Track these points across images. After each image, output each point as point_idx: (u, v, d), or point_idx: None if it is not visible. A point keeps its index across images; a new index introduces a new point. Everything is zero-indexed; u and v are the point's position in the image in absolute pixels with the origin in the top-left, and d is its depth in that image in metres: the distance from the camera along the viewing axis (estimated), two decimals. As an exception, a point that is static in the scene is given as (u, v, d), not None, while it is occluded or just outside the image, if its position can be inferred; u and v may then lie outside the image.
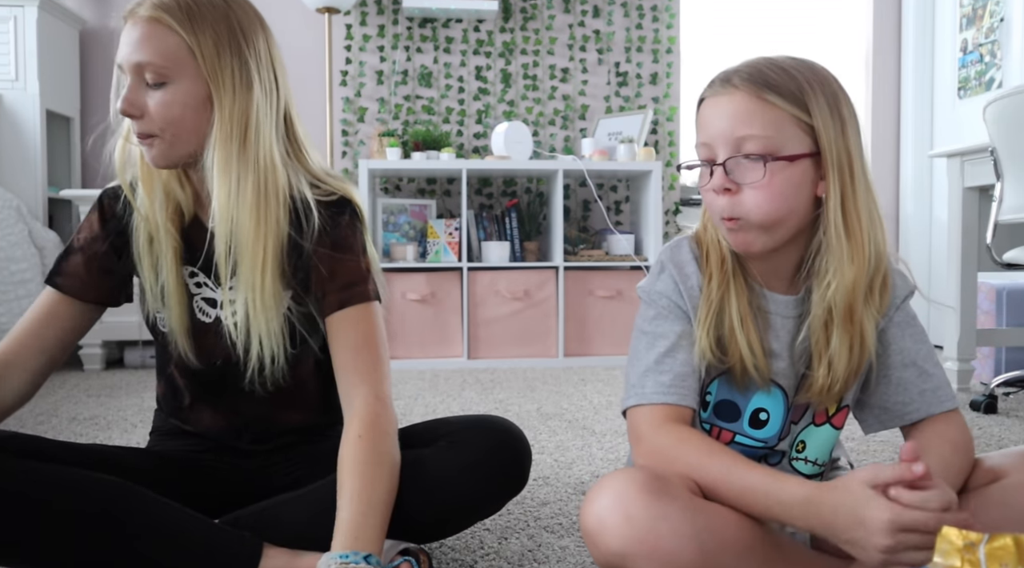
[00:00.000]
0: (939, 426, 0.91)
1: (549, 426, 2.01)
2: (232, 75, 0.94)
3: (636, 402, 0.90)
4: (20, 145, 2.95)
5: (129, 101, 0.91)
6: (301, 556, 0.88)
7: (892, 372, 0.94)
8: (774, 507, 0.78)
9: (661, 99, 3.58)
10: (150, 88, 0.92)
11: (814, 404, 0.95)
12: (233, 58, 0.94)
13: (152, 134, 0.93)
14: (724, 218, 0.87)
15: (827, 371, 0.90)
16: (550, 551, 1.14)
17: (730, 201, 0.86)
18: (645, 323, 0.94)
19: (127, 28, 0.93)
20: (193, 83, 0.93)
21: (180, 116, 0.92)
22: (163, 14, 0.91)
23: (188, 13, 0.92)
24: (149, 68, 0.91)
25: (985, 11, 3.24)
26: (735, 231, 0.87)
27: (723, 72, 0.88)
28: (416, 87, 3.48)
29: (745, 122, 0.84)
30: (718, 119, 0.86)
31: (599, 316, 3.18)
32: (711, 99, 0.88)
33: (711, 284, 0.91)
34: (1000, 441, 1.84)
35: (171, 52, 0.91)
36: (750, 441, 0.94)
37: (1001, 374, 2.45)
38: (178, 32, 0.91)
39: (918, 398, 0.92)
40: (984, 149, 2.22)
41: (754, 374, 0.90)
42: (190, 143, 0.94)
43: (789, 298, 0.93)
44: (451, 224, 3.17)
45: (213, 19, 0.93)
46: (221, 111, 0.93)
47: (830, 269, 0.88)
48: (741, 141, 0.84)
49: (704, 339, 0.90)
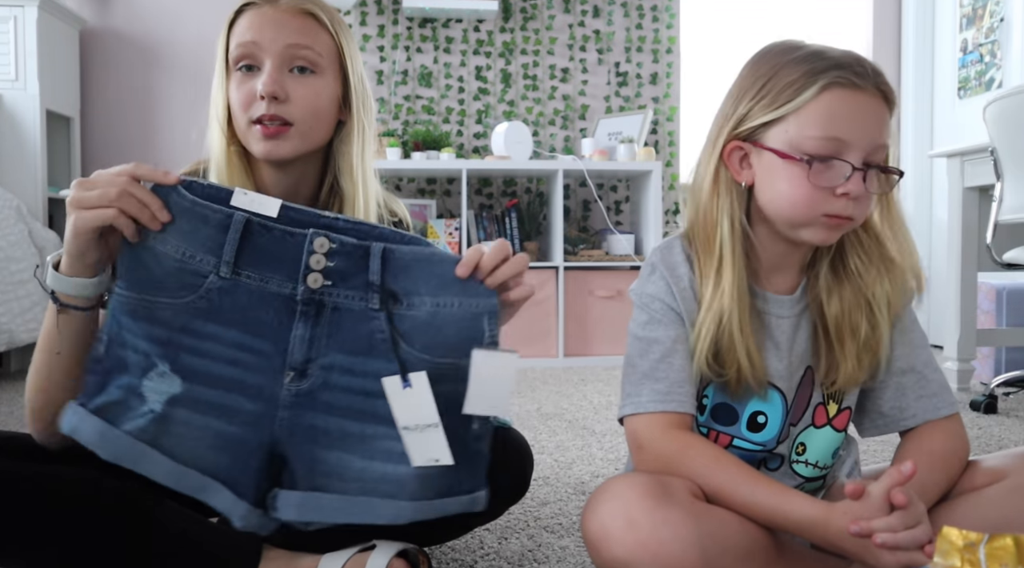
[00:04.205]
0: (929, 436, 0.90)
1: (549, 426, 2.01)
2: (363, 83, 0.98)
3: (633, 411, 0.89)
4: (20, 145, 2.95)
5: (279, 82, 0.90)
6: (301, 556, 0.88)
7: (891, 378, 0.93)
8: (780, 523, 0.79)
9: (661, 99, 3.58)
10: (294, 74, 0.92)
11: (843, 390, 0.94)
12: (361, 68, 0.98)
13: (289, 122, 0.91)
14: (837, 217, 0.83)
15: (856, 349, 0.90)
16: (550, 551, 1.14)
17: (856, 204, 0.83)
18: (638, 328, 0.92)
19: (260, 12, 0.92)
20: (335, 82, 0.95)
21: (322, 109, 0.94)
22: (315, 9, 0.93)
23: (331, 15, 0.95)
24: (304, 52, 0.91)
25: (985, 11, 3.24)
26: (836, 229, 0.85)
27: (861, 64, 0.82)
28: (416, 87, 3.48)
29: (884, 131, 0.83)
30: (863, 121, 0.82)
31: (599, 316, 3.18)
32: (855, 94, 0.81)
33: (712, 290, 0.88)
34: (1000, 441, 1.84)
35: (324, 45, 0.93)
36: (748, 444, 0.93)
37: (1001, 374, 2.45)
38: (329, 31, 0.94)
39: (915, 404, 0.92)
40: (984, 149, 2.22)
41: (752, 384, 0.88)
42: (316, 140, 0.95)
43: (787, 297, 0.92)
44: (451, 224, 3.17)
45: (346, 27, 0.97)
46: (355, 115, 0.97)
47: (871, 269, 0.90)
48: (877, 149, 0.82)
49: (701, 353, 0.87)
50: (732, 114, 0.88)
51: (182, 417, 0.78)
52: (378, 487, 0.80)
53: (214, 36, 0.98)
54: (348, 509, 0.79)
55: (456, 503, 0.81)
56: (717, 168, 0.89)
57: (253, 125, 0.92)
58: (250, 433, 0.79)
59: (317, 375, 0.80)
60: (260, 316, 0.79)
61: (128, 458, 0.76)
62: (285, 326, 0.79)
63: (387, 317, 0.79)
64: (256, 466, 0.80)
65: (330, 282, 0.79)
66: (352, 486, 0.80)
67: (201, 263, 0.78)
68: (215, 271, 0.78)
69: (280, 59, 0.91)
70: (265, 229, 0.79)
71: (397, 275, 0.79)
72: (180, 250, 0.78)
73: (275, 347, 0.79)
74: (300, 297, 0.79)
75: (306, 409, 0.80)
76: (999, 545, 0.66)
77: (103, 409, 0.77)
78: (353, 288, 0.79)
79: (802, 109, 0.82)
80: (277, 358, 0.79)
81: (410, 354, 0.79)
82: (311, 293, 0.79)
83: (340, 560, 0.86)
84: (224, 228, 0.78)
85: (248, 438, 0.79)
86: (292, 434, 0.80)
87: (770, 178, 0.86)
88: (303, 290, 0.79)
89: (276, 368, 0.79)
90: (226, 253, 0.78)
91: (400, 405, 0.77)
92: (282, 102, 0.91)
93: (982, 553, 0.66)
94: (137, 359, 0.78)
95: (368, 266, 0.79)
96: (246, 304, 0.79)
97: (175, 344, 0.78)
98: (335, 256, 0.79)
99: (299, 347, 0.79)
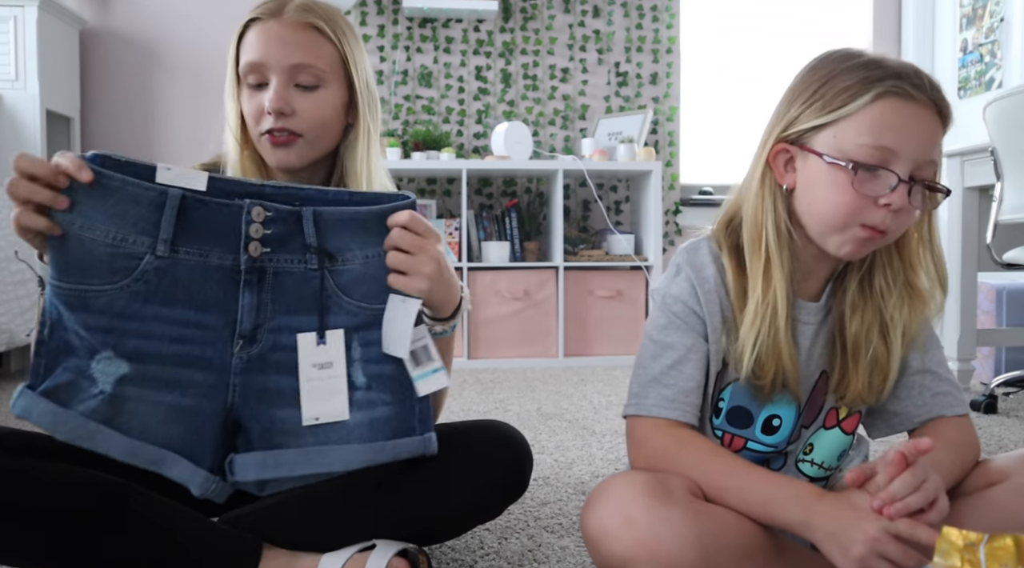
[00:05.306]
0: (941, 428, 0.91)
1: (549, 426, 2.01)
2: (368, 85, 1.02)
3: (636, 412, 0.89)
4: (20, 145, 2.94)
5: (284, 99, 0.95)
6: (301, 556, 0.88)
7: (908, 377, 0.93)
8: (770, 523, 0.80)
9: (661, 99, 3.58)
10: (299, 90, 0.96)
11: (850, 405, 0.94)
12: (366, 69, 1.02)
13: (297, 133, 0.96)
14: (874, 228, 0.82)
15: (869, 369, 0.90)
16: (550, 551, 1.14)
17: (895, 217, 0.82)
18: (655, 331, 0.91)
19: (265, 28, 0.96)
20: (340, 89, 0.99)
21: (327, 119, 0.98)
22: (319, 21, 0.96)
23: (334, 24, 0.98)
24: (308, 71, 0.96)
25: (985, 11, 3.24)
26: (871, 241, 0.84)
27: (918, 75, 0.81)
28: (416, 87, 3.48)
29: (935, 147, 0.82)
30: (915, 133, 0.81)
31: (599, 316, 3.17)
32: (909, 105, 0.80)
33: (762, 293, 0.86)
34: (1000, 441, 1.84)
35: (328, 58, 0.97)
36: (761, 446, 0.94)
37: (1001, 374, 2.45)
38: (332, 40, 0.98)
39: (930, 401, 0.92)
40: (984, 149, 2.22)
41: (791, 386, 0.88)
42: (324, 146, 1.00)
43: (813, 304, 0.92)
44: (451, 224, 3.17)
45: (350, 31, 1.00)
46: (362, 118, 1.01)
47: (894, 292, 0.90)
48: (926, 165, 0.82)
49: (749, 356, 0.86)
50: (783, 116, 0.87)
51: (134, 395, 0.79)
52: (330, 436, 0.84)
53: (214, 36, 1.00)
54: (305, 460, 0.82)
55: (407, 444, 0.84)
56: (764, 170, 0.89)
57: (263, 136, 0.97)
58: (204, 403, 0.81)
59: (266, 339, 0.83)
60: (204, 291, 0.81)
61: (83, 438, 0.78)
62: (231, 297, 0.82)
63: (326, 275, 0.84)
64: (212, 435, 0.82)
65: (269, 249, 0.83)
66: (307, 440, 0.84)
67: (135, 245, 0.79)
68: (150, 251, 0.79)
69: (286, 76, 0.96)
70: (200, 203, 0.81)
71: (328, 235, 0.84)
72: (110, 234, 0.78)
73: (223, 318, 0.82)
74: (244, 266, 0.82)
75: (256, 373, 0.83)
76: (999, 545, 0.66)
77: (53, 391, 0.78)
78: (291, 252, 0.84)
79: (854, 115, 0.81)
80: (225, 329, 0.82)
81: (352, 305, 0.85)
82: (253, 261, 0.82)
83: (340, 560, 0.87)
84: (158, 206, 0.79)
85: (202, 408, 0.81)
86: (246, 399, 0.82)
87: (812, 183, 0.85)
88: (246, 259, 0.82)
89: (225, 339, 0.82)
90: (163, 231, 0.79)
91: (308, 361, 0.83)
92: (288, 116, 0.96)
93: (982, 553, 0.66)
94: (81, 343, 0.79)
95: (303, 230, 0.83)
96: (188, 280, 0.81)
97: (117, 331, 0.79)
98: (271, 224, 0.82)
99: (248, 315, 0.82)
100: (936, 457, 0.82)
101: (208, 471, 0.83)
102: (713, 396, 0.92)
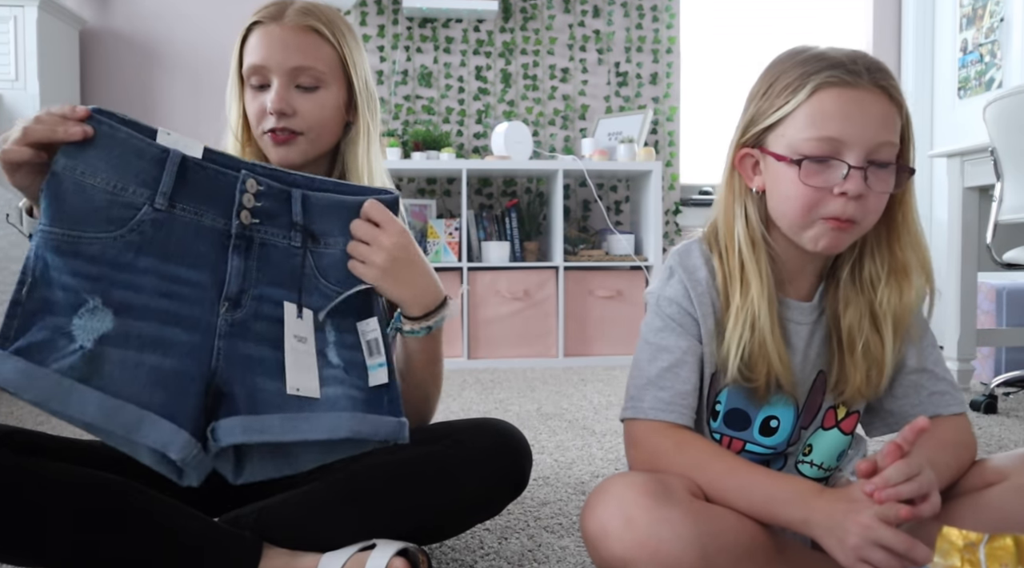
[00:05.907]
0: (938, 427, 0.90)
1: (549, 426, 2.01)
2: (367, 85, 1.06)
3: (633, 415, 0.89)
4: (20, 145, 2.94)
5: (285, 100, 0.99)
6: (301, 556, 0.88)
7: (905, 377, 0.93)
8: (770, 522, 0.80)
9: (661, 99, 3.58)
10: (299, 90, 1.00)
11: (851, 402, 0.94)
12: (365, 69, 1.06)
13: (297, 133, 1.00)
14: (840, 219, 0.82)
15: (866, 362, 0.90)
16: (550, 551, 1.14)
17: (858, 205, 0.82)
18: (650, 333, 0.91)
19: (267, 31, 1.00)
20: (340, 89, 1.03)
21: (327, 118, 1.02)
22: (318, 24, 1.00)
23: (333, 26, 1.02)
24: (308, 73, 1.00)
25: (985, 11, 3.24)
26: (841, 232, 0.83)
27: (854, 62, 0.82)
28: (416, 87, 3.48)
29: (887, 128, 0.82)
30: (860, 118, 0.81)
31: (599, 316, 3.17)
32: (847, 91, 0.81)
33: (740, 297, 0.87)
34: (1000, 441, 1.84)
35: (327, 59, 1.01)
36: (760, 448, 0.94)
37: (1001, 374, 2.45)
38: (331, 42, 1.01)
39: (927, 400, 0.93)
40: (984, 149, 2.22)
41: (784, 386, 0.89)
42: (325, 144, 1.04)
43: (806, 304, 0.93)
44: (451, 224, 3.17)
45: (349, 33, 1.05)
46: (362, 117, 1.04)
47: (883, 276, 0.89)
48: (880, 147, 0.81)
49: (734, 359, 0.86)
50: (743, 120, 0.89)
51: (116, 354, 0.76)
52: (315, 405, 0.85)
53: (214, 36, 1.01)
54: (292, 426, 0.82)
55: (387, 423, 0.85)
56: (731, 175, 0.91)
57: (265, 134, 1.01)
58: (188, 364, 0.80)
59: (249, 305, 0.85)
60: (198, 248, 0.83)
61: (55, 398, 0.72)
62: (220, 259, 0.84)
63: (307, 254, 0.88)
64: (194, 398, 0.79)
65: (258, 220, 0.85)
66: (291, 407, 0.84)
67: (134, 195, 0.79)
68: (149, 203, 0.80)
69: (287, 78, 0.99)
70: (200, 167, 0.83)
71: (314, 217, 0.88)
72: (111, 182, 0.78)
73: (212, 278, 0.83)
74: (234, 231, 0.84)
75: (239, 339, 0.83)
76: (999, 545, 0.66)
77: (26, 349, 0.72)
78: (278, 227, 0.87)
79: (797, 111, 0.83)
80: (213, 289, 0.83)
81: (328, 288, 0.88)
82: (243, 228, 0.84)
83: (340, 559, 0.87)
84: (160, 162, 0.80)
85: (186, 369, 0.79)
86: (231, 363, 0.82)
87: (774, 182, 0.86)
88: (237, 225, 0.84)
89: (212, 299, 0.83)
90: (163, 185, 0.80)
91: (291, 331, 0.86)
92: (289, 116, 1.00)
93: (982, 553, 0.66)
94: (65, 297, 0.75)
95: (291, 208, 0.87)
96: (182, 236, 0.82)
97: (106, 279, 0.77)
98: (263, 197, 0.86)
99: (235, 278, 0.84)
100: (932, 457, 0.82)
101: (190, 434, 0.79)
102: (709, 399, 0.92)
